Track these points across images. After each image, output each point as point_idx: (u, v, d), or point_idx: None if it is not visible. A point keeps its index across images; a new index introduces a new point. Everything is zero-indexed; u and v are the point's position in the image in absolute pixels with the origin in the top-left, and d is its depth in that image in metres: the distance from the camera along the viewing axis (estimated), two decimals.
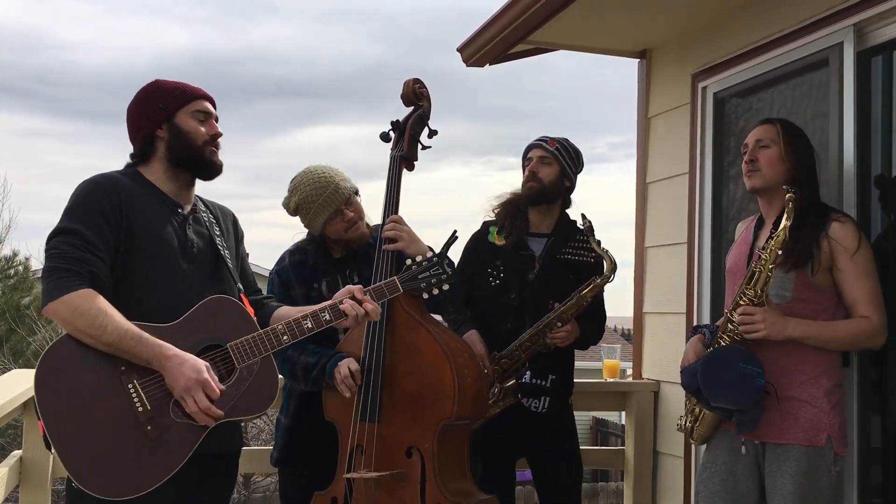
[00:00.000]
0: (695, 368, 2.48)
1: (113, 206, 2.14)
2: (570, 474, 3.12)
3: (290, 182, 2.84)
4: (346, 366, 2.60)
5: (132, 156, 2.31)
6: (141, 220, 2.17)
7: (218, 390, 2.09)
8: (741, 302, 2.45)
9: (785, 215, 2.38)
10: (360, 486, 2.58)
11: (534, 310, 3.02)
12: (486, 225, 3.21)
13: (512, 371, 2.98)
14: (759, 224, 2.69)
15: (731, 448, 2.55)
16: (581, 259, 3.12)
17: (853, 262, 2.42)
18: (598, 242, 3.04)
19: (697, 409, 2.60)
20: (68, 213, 2.13)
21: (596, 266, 3.13)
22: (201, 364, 2.09)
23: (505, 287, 3.07)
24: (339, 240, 2.83)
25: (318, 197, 2.75)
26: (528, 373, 2.98)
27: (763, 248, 2.43)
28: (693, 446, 3.47)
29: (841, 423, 2.45)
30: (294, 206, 2.81)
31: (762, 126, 2.65)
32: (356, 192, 2.84)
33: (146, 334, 2.07)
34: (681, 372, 2.60)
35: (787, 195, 2.39)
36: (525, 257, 3.08)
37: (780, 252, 2.40)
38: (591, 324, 3.13)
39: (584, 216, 3.04)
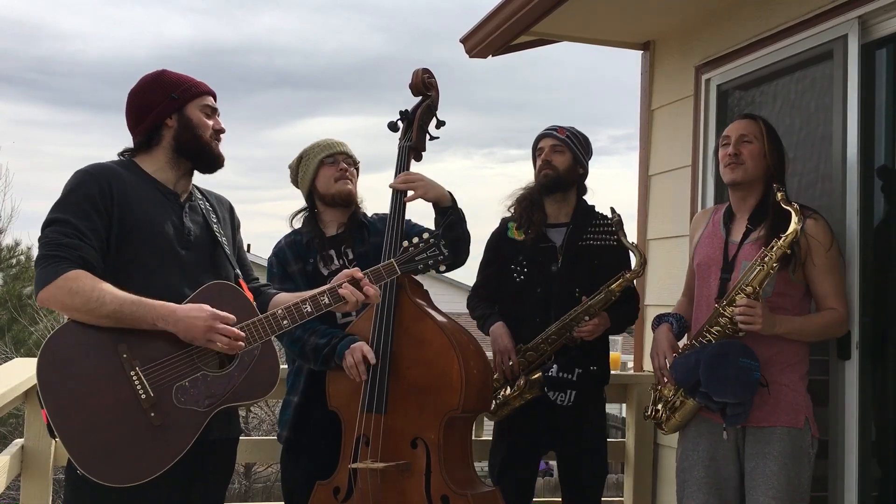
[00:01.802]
0: (690, 363, 2.49)
1: (104, 196, 2.14)
2: (593, 469, 3.08)
3: None
4: (360, 350, 2.60)
5: (134, 144, 2.31)
6: (136, 209, 2.18)
7: (230, 315, 2.12)
8: (737, 297, 2.47)
9: (795, 217, 2.43)
10: (365, 476, 2.58)
11: (559, 301, 2.99)
12: (504, 222, 3.19)
13: (538, 364, 2.96)
14: (728, 217, 2.71)
15: (710, 434, 2.59)
16: (603, 243, 3.07)
17: (827, 258, 2.53)
18: (626, 236, 3.00)
19: (678, 401, 2.61)
20: (59, 204, 2.14)
21: (619, 249, 3.06)
22: (201, 304, 2.11)
23: (530, 281, 3.05)
24: (327, 193, 2.86)
25: (321, 143, 2.91)
26: (555, 366, 2.95)
27: (769, 247, 2.45)
28: None
29: (812, 407, 2.56)
30: (297, 158, 2.95)
31: (745, 121, 2.69)
32: (356, 165, 2.94)
33: (144, 298, 2.08)
34: (672, 366, 2.60)
35: (780, 194, 2.46)
36: (546, 249, 3.05)
37: (788, 251, 2.44)
38: (624, 307, 3.07)
39: (613, 210, 3.00)
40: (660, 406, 2.68)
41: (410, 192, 2.70)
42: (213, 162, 2.32)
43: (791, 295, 2.56)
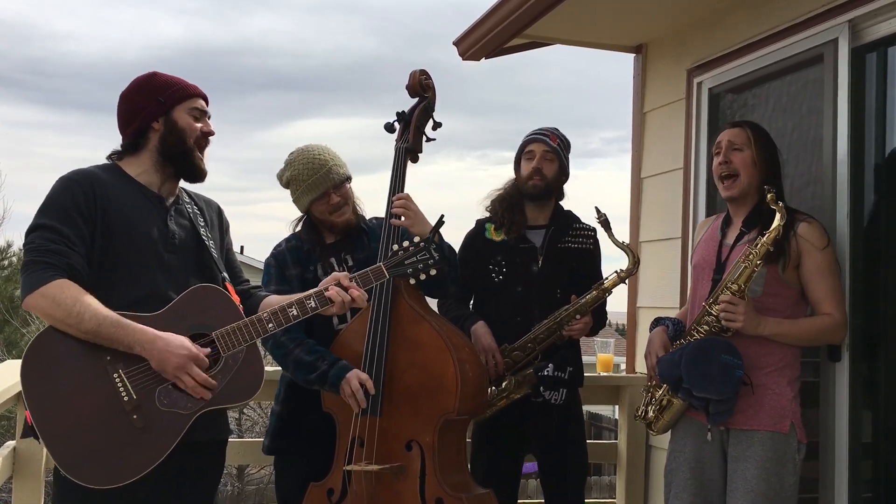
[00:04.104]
0: (674, 359, 2.51)
1: (87, 201, 2.14)
2: (579, 462, 3.11)
3: (288, 156, 2.87)
4: (356, 378, 2.57)
5: (122, 147, 2.31)
6: (119, 213, 2.18)
7: (205, 358, 2.11)
8: (723, 294, 2.48)
9: (778, 214, 2.43)
10: (360, 478, 2.58)
11: (540, 301, 3.01)
12: (480, 223, 3.19)
13: (523, 363, 2.97)
14: (727, 222, 2.74)
15: (696, 435, 2.61)
16: (581, 247, 3.13)
17: (820, 261, 2.52)
18: (614, 235, 2.98)
19: (665, 400, 2.63)
20: (43, 210, 2.14)
21: (595, 252, 3.15)
22: (184, 339, 2.11)
23: (509, 281, 3.06)
24: (324, 220, 2.84)
25: (309, 178, 2.78)
26: (551, 366, 2.96)
27: (753, 244, 2.46)
28: None
29: (799, 412, 2.54)
30: (286, 180, 2.86)
31: (733, 129, 2.71)
32: (348, 179, 2.86)
33: (126, 320, 2.08)
34: (657, 363, 2.62)
35: (769, 195, 2.45)
36: (527, 250, 3.07)
37: (771, 248, 2.44)
38: (598, 310, 3.09)
39: (598, 209, 3.00)
40: (649, 408, 2.69)
41: (401, 219, 2.68)
42: (194, 172, 2.31)
43: (783, 296, 2.55)
